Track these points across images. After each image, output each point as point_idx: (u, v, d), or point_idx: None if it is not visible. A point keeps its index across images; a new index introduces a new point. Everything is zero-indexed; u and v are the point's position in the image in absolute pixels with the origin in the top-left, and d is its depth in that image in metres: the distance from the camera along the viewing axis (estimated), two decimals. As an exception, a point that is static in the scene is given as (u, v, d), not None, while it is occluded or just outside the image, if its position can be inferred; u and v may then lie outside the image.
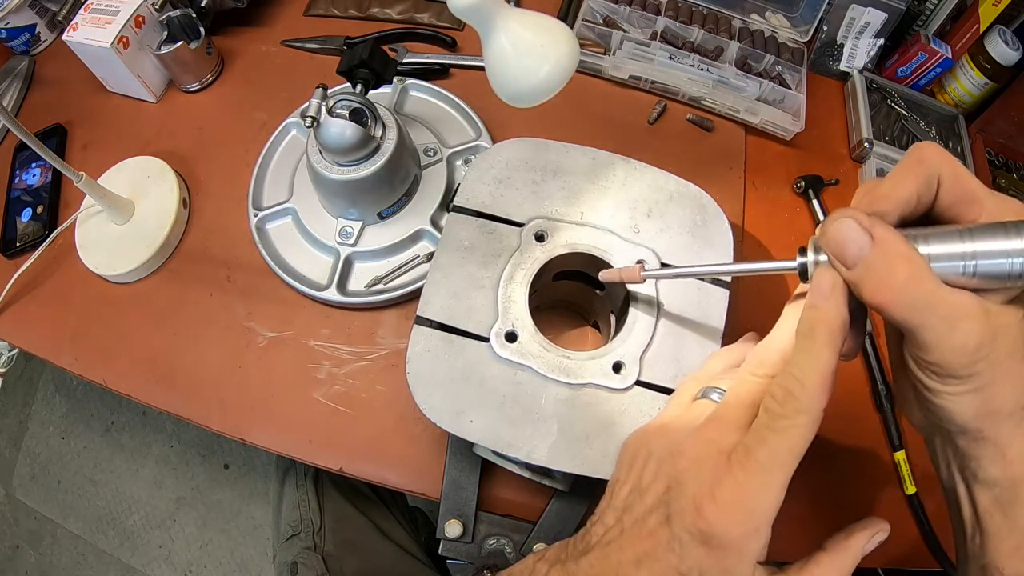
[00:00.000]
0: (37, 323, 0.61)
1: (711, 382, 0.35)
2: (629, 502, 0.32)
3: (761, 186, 0.67)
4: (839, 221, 0.27)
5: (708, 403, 0.33)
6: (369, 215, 0.59)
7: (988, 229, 0.25)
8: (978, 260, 0.25)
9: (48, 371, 1.50)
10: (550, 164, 0.49)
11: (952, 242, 0.26)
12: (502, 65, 0.41)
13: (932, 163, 0.27)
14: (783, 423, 0.26)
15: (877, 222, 0.26)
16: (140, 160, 0.66)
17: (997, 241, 0.25)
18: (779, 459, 0.26)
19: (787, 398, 0.27)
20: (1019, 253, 0.24)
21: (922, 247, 0.26)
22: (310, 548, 0.66)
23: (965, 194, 0.27)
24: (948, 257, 0.26)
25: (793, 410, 0.26)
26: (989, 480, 0.28)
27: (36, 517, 1.37)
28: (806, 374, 0.26)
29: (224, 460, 1.39)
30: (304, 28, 0.76)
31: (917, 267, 0.25)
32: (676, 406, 0.36)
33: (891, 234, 0.26)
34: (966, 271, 0.25)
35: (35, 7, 0.74)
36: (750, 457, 0.27)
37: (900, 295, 0.25)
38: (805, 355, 0.27)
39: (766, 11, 0.73)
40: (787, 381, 0.27)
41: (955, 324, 0.25)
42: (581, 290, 0.52)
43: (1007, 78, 0.68)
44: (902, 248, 0.26)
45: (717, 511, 0.27)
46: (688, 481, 0.29)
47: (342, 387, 0.56)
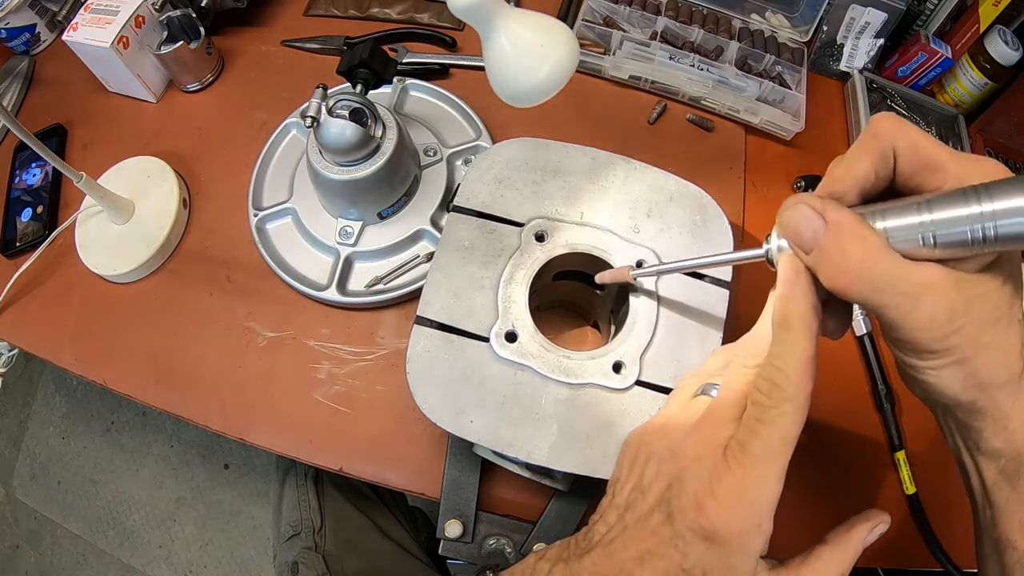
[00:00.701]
0: (37, 323, 0.61)
1: (710, 379, 0.35)
2: (631, 500, 0.32)
3: (761, 186, 0.67)
4: (793, 208, 0.27)
5: (706, 399, 0.33)
6: (369, 215, 0.59)
7: (946, 197, 0.24)
8: (936, 230, 0.24)
9: (48, 371, 1.50)
10: (550, 164, 0.49)
11: (910, 214, 0.25)
12: (502, 65, 0.41)
13: (885, 136, 0.27)
14: (772, 413, 0.27)
15: (830, 204, 0.26)
16: (140, 160, 0.66)
17: (955, 208, 0.24)
18: (773, 449, 0.26)
19: (772, 389, 0.27)
20: (977, 219, 0.23)
21: (879, 223, 0.26)
22: (311, 548, 0.66)
23: (924, 162, 0.26)
24: (907, 229, 0.25)
25: (780, 399, 0.27)
26: (993, 452, 0.28)
27: (36, 517, 1.37)
28: (787, 363, 0.27)
29: (224, 460, 1.39)
30: (304, 28, 0.76)
31: (871, 246, 0.25)
32: (676, 404, 0.36)
33: (843, 215, 0.26)
34: (926, 242, 0.24)
35: (35, 7, 0.74)
36: (745, 451, 0.27)
37: (857, 276, 0.25)
38: (783, 346, 0.27)
39: (766, 11, 0.73)
40: (770, 372, 0.27)
41: (918, 300, 0.25)
42: (581, 290, 0.52)
43: (1007, 78, 0.68)
44: (855, 228, 0.25)
45: (718, 507, 0.27)
46: (688, 479, 0.29)
47: (342, 387, 0.56)
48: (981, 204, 0.23)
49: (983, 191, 0.23)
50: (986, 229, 0.23)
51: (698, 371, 0.38)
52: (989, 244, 0.23)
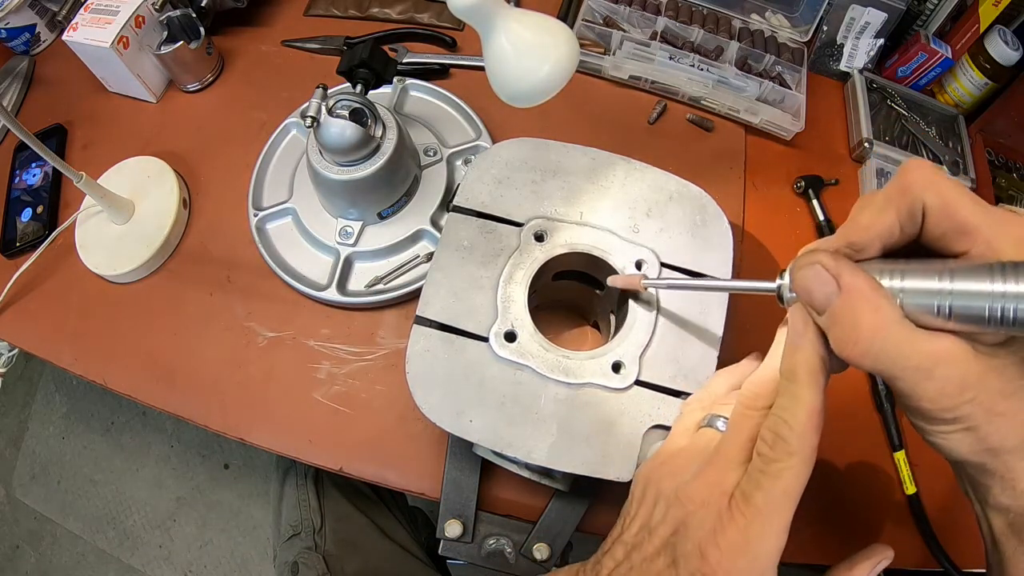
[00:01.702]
0: (37, 323, 0.61)
1: (714, 407, 0.35)
2: (638, 540, 0.32)
3: (761, 186, 0.67)
4: (806, 268, 0.26)
5: (713, 433, 0.34)
6: (369, 215, 0.59)
7: (970, 269, 0.23)
8: (954, 302, 0.23)
9: (48, 371, 1.50)
10: (550, 164, 0.49)
11: (929, 280, 0.24)
12: (502, 65, 0.41)
13: (915, 190, 0.25)
14: (775, 467, 0.27)
15: (844, 266, 0.25)
16: (140, 160, 0.66)
17: (978, 283, 0.22)
18: (776, 503, 0.26)
19: (776, 441, 0.27)
20: (999, 298, 0.22)
21: (897, 282, 0.25)
22: (311, 548, 0.66)
23: (955, 225, 0.24)
24: (924, 295, 0.24)
25: (784, 453, 0.26)
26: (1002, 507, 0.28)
27: (36, 517, 1.37)
28: (793, 416, 0.26)
29: (224, 460, 1.39)
30: (304, 28, 0.76)
31: (884, 317, 0.24)
32: (682, 432, 0.36)
33: (858, 280, 0.25)
34: (941, 312, 0.23)
35: (35, 7, 0.74)
36: (748, 503, 0.27)
37: (867, 348, 0.24)
38: (789, 398, 0.27)
39: (766, 11, 0.73)
40: (775, 424, 0.27)
41: (929, 373, 0.24)
42: (581, 290, 0.52)
43: (1007, 78, 0.68)
44: (869, 297, 0.24)
45: (720, 557, 0.27)
46: (694, 526, 0.29)
47: (342, 387, 0.56)
48: (1006, 283, 0.21)
49: (1011, 270, 0.22)
50: (1006, 310, 0.21)
51: (701, 395, 0.38)
52: (1007, 326, 0.22)
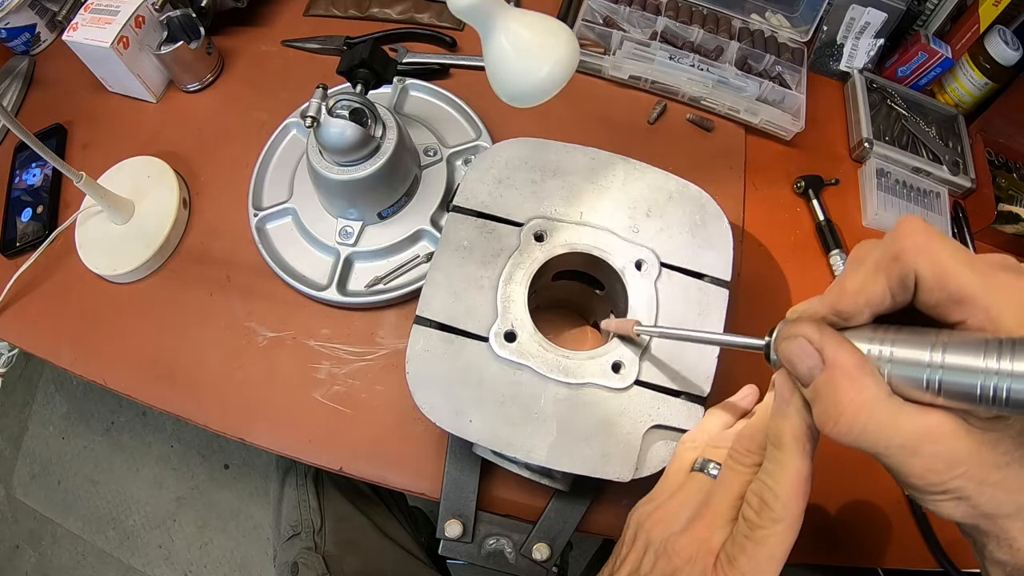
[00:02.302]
0: (37, 323, 0.61)
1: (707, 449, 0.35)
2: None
3: (761, 186, 0.67)
4: (789, 340, 0.26)
5: (704, 479, 0.34)
6: (369, 215, 0.59)
7: (964, 344, 0.22)
8: (944, 376, 0.22)
9: (48, 371, 1.50)
10: (550, 164, 0.49)
11: (920, 350, 0.23)
12: (502, 65, 0.41)
13: (907, 259, 0.23)
14: (760, 533, 0.27)
15: (828, 340, 0.25)
16: (140, 160, 0.66)
17: (970, 358, 0.21)
18: (759, 568, 0.26)
19: (762, 507, 0.27)
20: (992, 375, 0.20)
21: (886, 349, 0.23)
22: (311, 548, 0.66)
23: (949, 295, 0.22)
24: (913, 367, 0.23)
25: (769, 520, 0.26)
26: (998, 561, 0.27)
27: (36, 517, 1.37)
28: (777, 483, 0.26)
29: (224, 460, 1.39)
30: (304, 28, 0.76)
31: (868, 396, 0.23)
32: (675, 474, 0.36)
33: (841, 356, 0.24)
34: (929, 386, 0.22)
35: (35, 7, 0.74)
36: (733, 566, 0.27)
37: (849, 427, 0.24)
38: (775, 463, 0.27)
39: (766, 11, 0.73)
40: (761, 489, 0.27)
41: (915, 450, 0.23)
42: (580, 290, 0.52)
43: (1007, 78, 0.68)
44: (853, 374, 0.24)
45: None
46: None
47: (342, 387, 0.56)
48: (1000, 361, 0.20)
49: (1007, 347, 0.20)
50: (998, 389, 0.20)
51: (695, 434, 0.38)
52: (999, 406, 0.20)
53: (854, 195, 0.67)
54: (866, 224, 0.66)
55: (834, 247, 0.62)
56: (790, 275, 0.62)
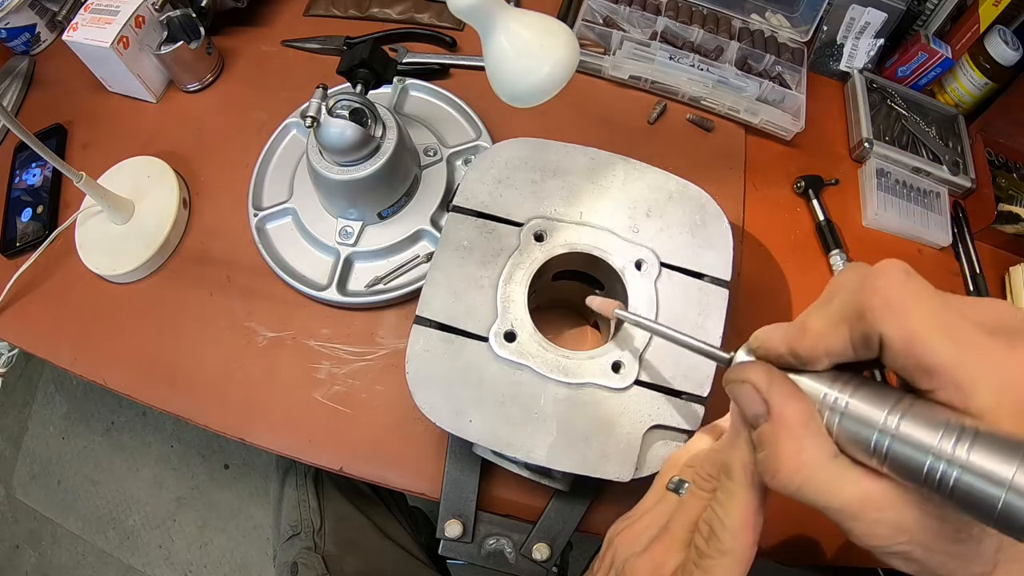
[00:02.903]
0: (37, 323, 0.61)
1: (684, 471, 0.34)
2: None
3: (761, 186, 0.67)
4: (736, 384, 0.25)
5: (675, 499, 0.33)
6: (369, 215, 0.59)
7: (925, 415, 0.20)
8: (893, 445, 0.20)
9: (48, 371, 1.50)
10: (550, 164, 0.49)
11: (876, 410, 0.21)
12: (502, 65, 0.41)
13: (872, 319, 0.21)
14: (707, 562, 0.26)
15: (776, 390, 0.23)
16: (140, 160, 0.66)
17: (925, 432, 0.19)
18: None
19: (711, 536, 0.26)
20: (944, 458, 0.18)
21: (841, 403, 0.22)
22: (310, 548, 0.66)
23: (918, 365, 0.20)
24: (865, 426, 0.21)
25: (716, 550, 0.26)
26: None
27: (36, 517, 1.37)
28: (727, 514, 0.26)
29: (224, 460, 1.39)
30: (304, 28, 0.76)
31: (807, 459, 0.22)
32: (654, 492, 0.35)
33: (787, 409, 0.23)
34: (876, 451, 0.20)
35: (35, 7, 0.74)
36: None
37: (787, 484, 0.22)
38: (726, 493, 0.26)
39: (766, 11, 0.73)
40: (711, 518, 0.26)
41: (856, 515, 0.21)
42: (580, 290, 0.52)
43: (1007, 78, 0.68)
44: (795, 430, 0.22)
45: None
46: None
47: (342, 387, 0.56)
48: (956, 447, 0.18)
49: (967, 435, 0.18)
50: (945, 476, 0.18)
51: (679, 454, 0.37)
52: (942, 494, 0.19)
53: (854, 195, 0.67)
54: (866, 224, 0.66)
55: (834, 247, 0.62)
56: (790, 275, 0.62)
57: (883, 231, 0.66)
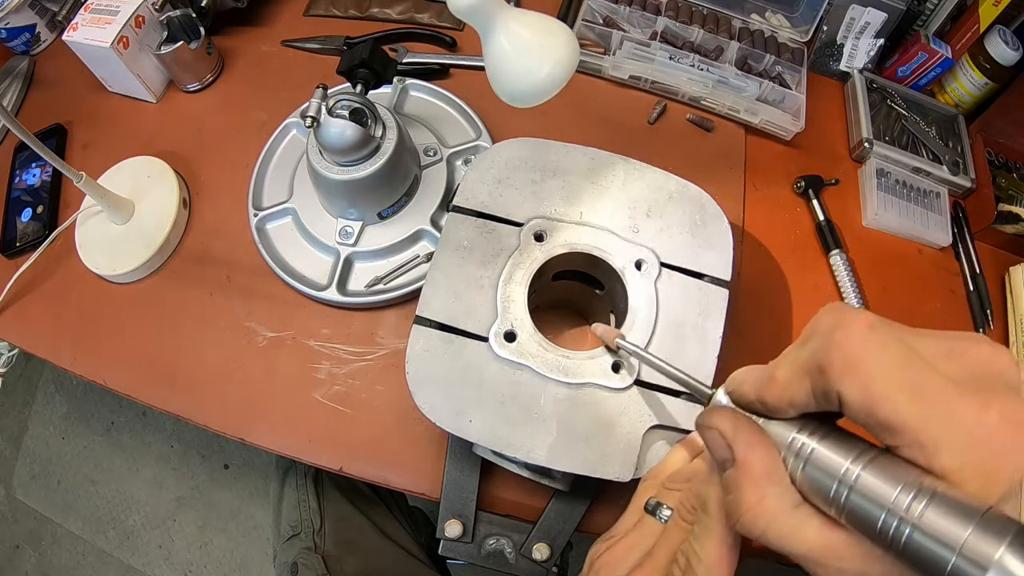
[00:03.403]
0: (37, 323, 0.61)
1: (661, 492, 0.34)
2: None
3: (761, 186, 0.67)
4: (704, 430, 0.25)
5: (654, 524, 0.33)
6: (369, 215, 0.59)
7: (883, 471, 0.19)
8: (851, 498, 0.20)
9: (48, 371, 1.50)
10: (549, 164, 0.49)
11: (840, 459, 0.21)
12: (502, 65, 0.41)
13: (831, 376, 0.20)
14: None
15: (741, 437, 0.23)
16: (140, 160, 0.66)
17: (882, 487, 0.19)
18: None
19: (687, 569, 0.26)
20: (901, 515, 0.18)
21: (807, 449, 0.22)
22: (310, 548, 0.66)
23: (879, 424, 0.19)
24: (828, 475, 0.21)
25: None
26: None
27: (36, 517, 1.37)
28: (703, 548, 0.26)
29: (224, 460, 1.39)
30: (304, 28, 0.76)
31: (768, 507, 0.22)
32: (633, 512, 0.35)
33: (751, 457, 0.23)
34: (834, 501, 0.20)
35: (35, 7, 0.74)
36: None
37: (750, 529, 0.23)
38: (703, 529, 0.26)
39: (766, 11, 0.73)
40: (688, 552, 0.26)
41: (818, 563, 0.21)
42: (580, 290, 0.52)
43: (1007, 78, 0.68)
44: (757, 481, 0.22)
45: None
46: None
47: (342, 387, 0.56)
48: (912, 503, 0.18)
49: (925, 494, 0.18)
50: (898, 534, 0.18)
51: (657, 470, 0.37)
52: (894, 549, 0.18)
53: (854, 195, 0.67)
54: (866, 224, 0.66)
55: (834, 247, 0.62)
56: (790, 275, 0.62)
57: (883, 231, 0.66)
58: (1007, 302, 0.63)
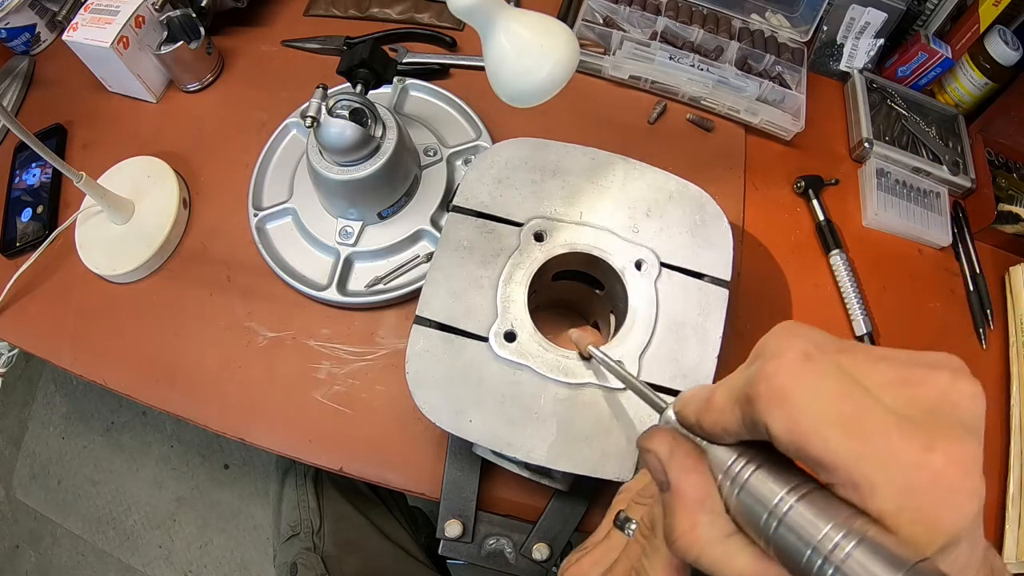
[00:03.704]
0: (37, 323, 0.61)
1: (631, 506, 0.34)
2: None
3: (761, 186, 0.67)
4: (643, 453, 0.25)
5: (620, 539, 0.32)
6: (369, 215, 0.59)
7: (816, 507, 0.18)
8: (779, 530, 0.19)
9: (48, 371, 1.50)
10: (550, 164, 0.49)
11: (776, 489, 0.20)
12: (502, 65, 0.41)
13: (758, 407, 0.19)
14: None
15: (676, 461, 0.23)
16: (140, 160, 0.66)
17: (811, 523, 0.18)
18: None
19: None
20: (822, 554, 0.17)
21: (745, 475, 0.21)
22: (309, 548, 0.66)
23: (808, 460, 0.18)
24: (761, 503, 0.20)
25: None
26: None
27: (36, 517, 1.37)
28: (652, 567, 0.25)
29: (224, 460, 1.39)
30: (304, 28, 0.76)
31: (699, 535, 0.21)
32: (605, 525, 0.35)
33: (683, 485, 0.22)
34: (763, 532, 0.20)
35: (35, 7, 0.74)
36: None
37: (684, 555, 0.22)
38: (652, 548, 0.25)
39: (766, 11, 0.73)
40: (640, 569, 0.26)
41: None
42: (580, 290, 0.52)
43: (1007, 78, 0.68)
44: (688, 508, 0.22)
45: None
46: None
47: (342, 387, 0.56)
48: (840, 543, 0.17)
49: (852, 536, 0.17)
50: (822, 571, 0.17)
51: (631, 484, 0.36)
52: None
53: (854, 195, 0.67)
54: (866, 224, 0.66)
55: (834, 247, 0.62)
56: (790, 275, 0.62)
57: (883, 231, 0.66)
58: (1007, 302, 0.63)
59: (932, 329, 0.62)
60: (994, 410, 0.58)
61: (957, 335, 0.62)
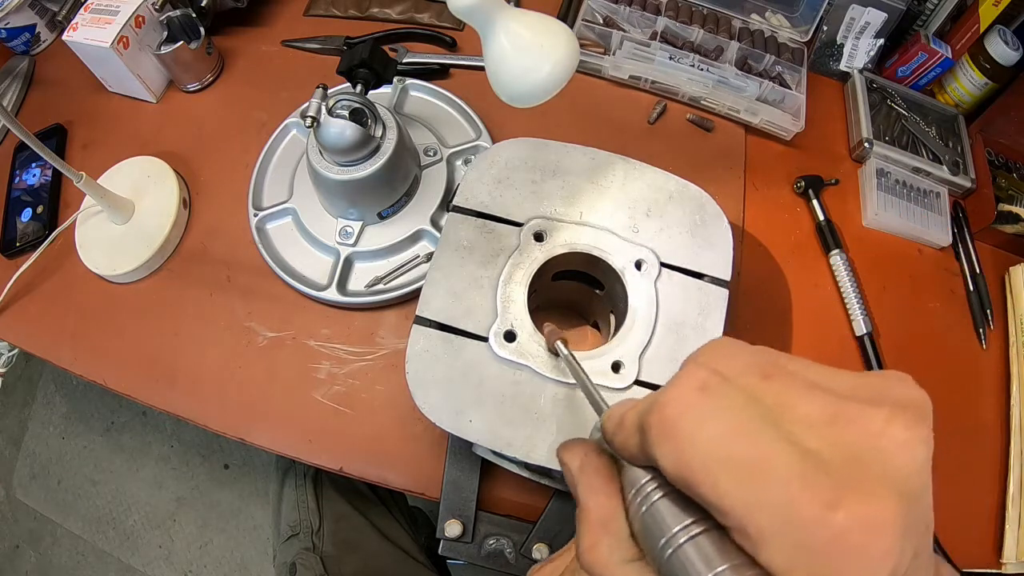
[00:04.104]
0: (37, 323, 0.61)
1: None
2: None
3: (761, 186, 0.67)
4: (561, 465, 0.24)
5: None
6: (369, 215, 0.59)
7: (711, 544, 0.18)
8: (670, 559, 0.19)
9: (48, 371, 1.50)
10: (549, 164, 0.49)
11: (680, 515, 0.19)
12: (502, 65, 0.41)
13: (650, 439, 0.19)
14: None
15: (585, 479, 0.23)
16: (140, 160, 0.66)
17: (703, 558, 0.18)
18: None
19: None
20: None
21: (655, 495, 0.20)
22: (309, 549, 0.66)
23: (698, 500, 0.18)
24: (660, 528, 0.20)
25: None
26: None
27: (36, 517, 1.37)
28: None
29: (224, 460, 1.39)
30: (304, 28, 0.76)
31: (600, 556, 0.21)
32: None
33: (589, 503, 0.22)
34: (660, 556, 0.19)
35: (35, 7, 0.74)
36: None
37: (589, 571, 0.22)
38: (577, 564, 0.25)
39: (766, 11, 0.73)
40: None
41: None
42: (580, 290, 0.52)
43: (1007, 78, 0.68)
44: (592, 526, 0.22)
45: None
46: None
47: (342, 387, 0.56)
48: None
49: None
50: None
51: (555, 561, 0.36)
52: None
53: (854, 195, 0.67)
54: (866, 224, 0.66)
55: (834, 247, 0.62)
56: (790, 275, 0.62)
57: (883, 231, 0.66)
58: (1007, 302, 0.63)
59: (932, 329, 0.62)
60: (994, 410, 0.58)
61: (957, 335, 0.62)
